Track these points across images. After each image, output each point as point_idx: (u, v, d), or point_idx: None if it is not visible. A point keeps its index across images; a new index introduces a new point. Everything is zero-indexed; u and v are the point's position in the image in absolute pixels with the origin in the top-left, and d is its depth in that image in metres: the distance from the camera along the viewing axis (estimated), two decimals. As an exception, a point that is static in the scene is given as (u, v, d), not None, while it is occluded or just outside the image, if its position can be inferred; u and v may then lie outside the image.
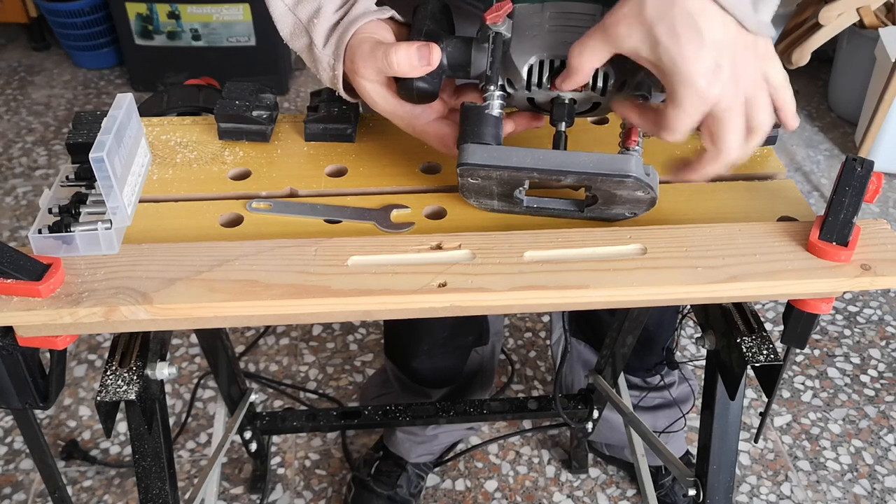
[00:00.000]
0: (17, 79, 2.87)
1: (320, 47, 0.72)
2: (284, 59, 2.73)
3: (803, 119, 2.64)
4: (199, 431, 1.65)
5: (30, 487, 1.53)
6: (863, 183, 0.66)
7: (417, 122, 0.73)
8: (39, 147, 2.50)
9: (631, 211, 0.71)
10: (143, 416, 0.75)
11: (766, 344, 0.75)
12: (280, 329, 1.87)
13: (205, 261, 0.66)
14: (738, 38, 0.60)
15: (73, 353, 1.79)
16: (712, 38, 0.58)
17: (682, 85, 0.60)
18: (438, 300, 0.63)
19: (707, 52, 0.59)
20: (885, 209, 2.26)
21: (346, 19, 0.71)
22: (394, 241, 0.68)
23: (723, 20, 0.59)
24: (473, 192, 0.71)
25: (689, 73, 0.59)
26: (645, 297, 0.65)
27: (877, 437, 1.65)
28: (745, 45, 0.60)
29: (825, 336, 1.87)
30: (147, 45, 2.67)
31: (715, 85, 0.59)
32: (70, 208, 0.69)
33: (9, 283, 0.62)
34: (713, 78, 0.59)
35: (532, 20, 0.70)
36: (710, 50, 0.59)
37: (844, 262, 0.66)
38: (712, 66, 0.59)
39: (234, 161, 0.81)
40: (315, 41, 0.72)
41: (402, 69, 0.68)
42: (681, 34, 0.58)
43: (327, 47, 0.72)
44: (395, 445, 1.50)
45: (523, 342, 1.84)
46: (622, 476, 1.57)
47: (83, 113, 0.81)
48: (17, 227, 2.15)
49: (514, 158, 0.66)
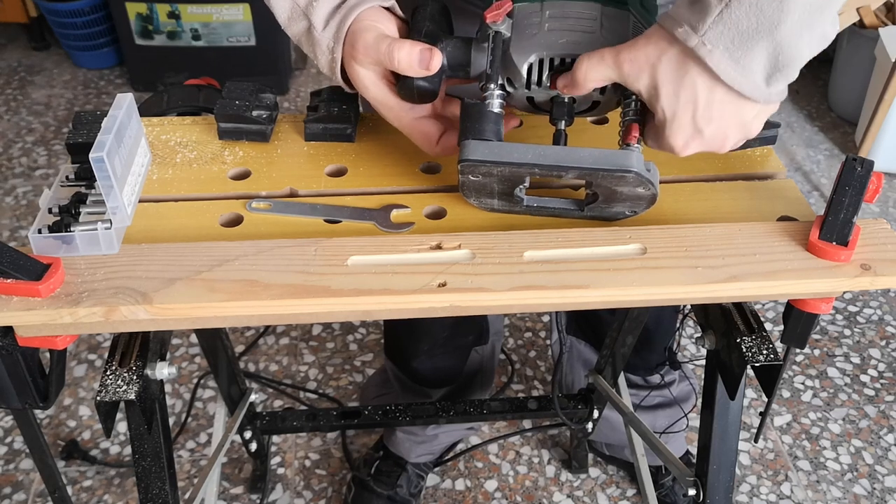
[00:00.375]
0: (17, 79, 2.87)
1: (319, 30, 0.72)
2: (284, 59, 2.73)
3: (803, 119, 2.64)
4: (199, 431, 1.65)
5: (30, 487, 1.53)
6: (863, 183, 0.66)
7: (406, 116, 0.74)
8: (39, 147, 2.50)
9: (631, 209, 0.71)
10: (142, 416, 0.75)
11: (766, 344, 0.75)
12: (280, 329, 1.87)
13: (205, 261, 0.66)
14: (736, 112, 0.64)
15: (72, 352, 1.79)
16: (706, 114, 0.63)
17: (663, 134, 0.66)
18: (438, 300, 0.64)
19: (694, 124, 0.64)
20: (885, 209, 2.26)
21: (347, 3, 0.72)
22: (394, 240, 0.68)
23: (724, 98, 0.62)
24: (474, 190, 0.71)
25: (672, 134, 0.65)
26: (645, 296, 0.65)
27: (877, 437, 1.65)
28: (737, 114, 0.64)
29: (825, 336, 1.87)
30: (147, 45, 2.67)
31: (691, 145, 0.66)
32: (70, 208, 0.69)
33: (9, 283, 0.62)
34: (690, 141, 0.66)
35: (531, 19, 0.70)
36: (700, 121, 0.64)
37: (844, 262, 0.66)
38: (693, 133, 0.65)
39: (234, 161, 0.81)
40: (314, 24, 0.72)
41: (401, 67, 0.69)
42: (680, 102, 0.63)
43: (327, 30, 0.72)
44: (395, 445, 1.50)
45: (523, 342, 1.84)
46: (622, 476, 1.57)
47: (83, 113, 0.81)
48: (17, 227, 2.15)
49: (515, 154, 0.66)
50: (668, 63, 0.62)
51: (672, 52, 0.62)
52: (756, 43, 0.59)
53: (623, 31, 0.69)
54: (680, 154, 0.67)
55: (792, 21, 0.58)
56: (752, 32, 0.58)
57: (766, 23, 0.58)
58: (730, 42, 0.59)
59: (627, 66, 0.64)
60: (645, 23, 0.70)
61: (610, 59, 0.65)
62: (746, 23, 0.58)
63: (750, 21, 0.58)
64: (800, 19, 0.58)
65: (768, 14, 0.57)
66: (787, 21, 0.57)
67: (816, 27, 0.59)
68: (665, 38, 0.62)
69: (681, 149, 0.67)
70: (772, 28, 0.58)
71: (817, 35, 0.59)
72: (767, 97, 0.62)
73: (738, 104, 0.63)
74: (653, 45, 0.63)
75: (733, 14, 0.58)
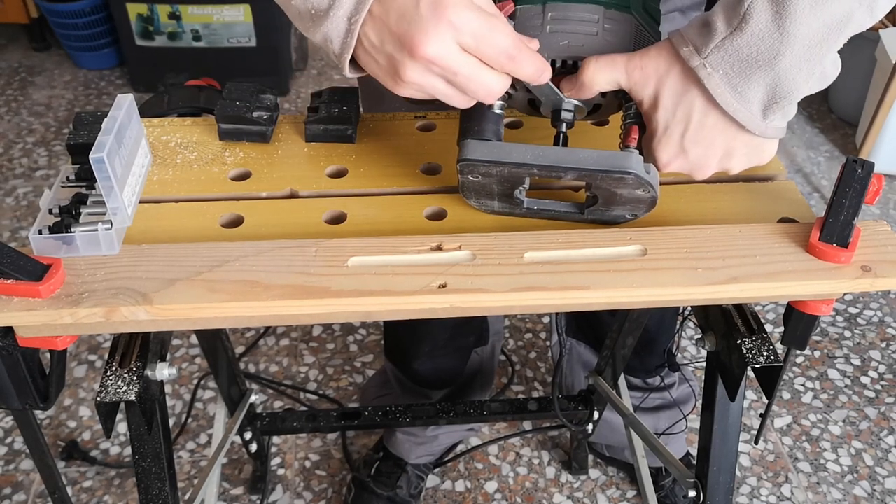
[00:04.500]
0: (18, 79, 2.87)
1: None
2: (285, 60, 2.73)
3: (804, 120, 2.64)
4: (199, 432, 1.65)
5: (30, 488, 1.53)
6: (863, 184, 0.66)
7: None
8: (40, 148, 2.50)
9: (631, 213, 0.71)
10: (142, 417, 0.75)
11: (767, 345, 0.75)
12: (280, 330, 1.87)
13: (205, 261, 0.66)
14: (725, 140, 0.65)
15: (73, 353, 1.79)
16: (696, 135, 0.65)
17: (651, 146, 0.67)
18: (439, 301, 0.63)
19: (682, 142, 0.66)
20: (885, 211, 2.26)
21: None
22: (394, 241, 0.68)
23: (717, 123, 0.64)
24: (474, 191, 0.71)
25: (659, 147, 0.67)
26: (645, 298, 0.65)
27: (877, 439, 1.65)
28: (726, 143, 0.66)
29: (825, 337, 1.87)
30: (148, 46, 2.68)
31: (674, 163, 0.68)
32: (70, 209, 0.69)
33: (9, 284, 0.62)
34: (674, 158, 0.67)
35: (534, 21, 0.70)
36: (688, 141, 0.65)
37: (845, 264, 0.66)
38: (678, 151, 0.66)
39: (234, 162, 0.81)
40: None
41: (526, 73, 0.62)
42: (675, 118, 0.65)
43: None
44: (395, 446, 1.50)
45: (523, 343, 1.84)
46: (622, 477, 1.57)
47: (84, 114, 0.81)
48: (17, 228, 2.15)
49: (515, 154, 0.66)
50: (673, 78, 0.64)
51: (678, 68, 0.63)
52: (755, 72, 0.61)
53: (625, 34, 0.69)
54: (662, 170, 0.69)
55: (792, 54, 0.59)
56: (751, 61, 0.60)
57: (766, 53, 0.59)
58: (729, 68, 0.61)
59: (638, 74, 0.65)
60: (647, 28, 0.70)
61: (622, 64, 0.65)
62: (747, 51, 0.60)
63: (751, 50, 0.60)
64: (800, 53, 0.59)
65: (769, 45, 0.59)
66: (787, 54, 0.59)
67: (816, 63, 0.60)
68: (674, 54, 0.63)
69: (664, 164, 0.68)
70: (771, 59, 0.60)
71: (817, 72, 0.61)
72: (763, 130, 0.64)
73: (731, 132, 0.65)
74: (663, 58, 0.64)
75: (735, 42, 0.60)
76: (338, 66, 0.64)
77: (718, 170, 0.69)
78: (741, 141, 0.65)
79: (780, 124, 0.65)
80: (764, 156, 0.68)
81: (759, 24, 0.59)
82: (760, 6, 0.58)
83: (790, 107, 0.63)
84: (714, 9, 0.62)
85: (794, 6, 0.57)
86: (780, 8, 0.58)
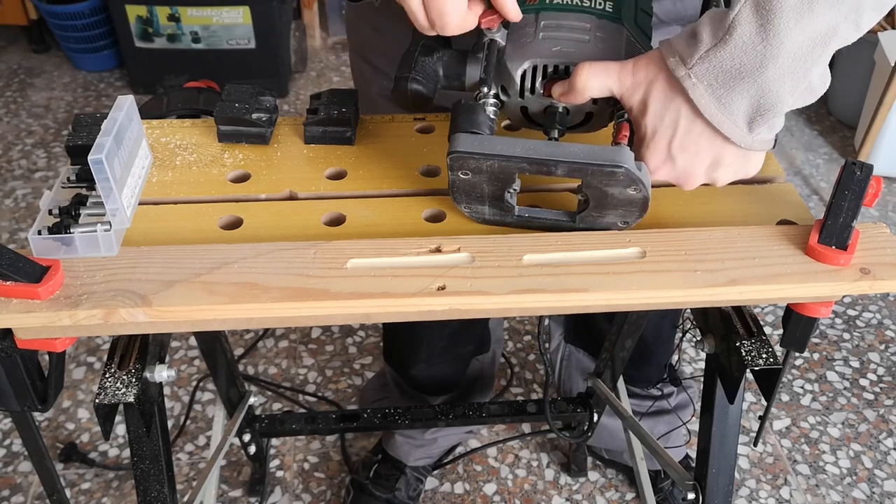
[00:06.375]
0: (17, 81, 2.87)
1: None
2: (284, 62, 2.73)
3: (802, 122, 2.64)
4: (198, 434, 1.64)
5: (28, 490, 1.53)
6: (862, 187, 0.66)
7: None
8: (39, 149, 2.50)
9: (623, 220, 0.70)
10: (141, 419, 0.75)
11: (766, 347, 0.75)
12: (279, 332, 1.86)
13: (204, 263, 0.66)
14: (711, 150, 0.65)
15: (71, 355, 1.79)
16: (683, 142, 0.65)
17: (639, 153, 0.68)
18: (437, 303, 0.63)
19: (670, 149, 0.66)
20: (884, 213, 2.26)
21: None
22: (393, 243, 0.68)
23: (703, 132, 0.64)
24: (464, 192, 0.71)
25: (648, 153, 0.67)
26: (644, 300, 0.65)
27: (876, 441, 1.65)
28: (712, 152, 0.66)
29: (824, 340, 1.87)
30: (147, 48, 2.68)
31: (661, 170, 0.68)
32: (70, 210, 0.69)
33: (8, 286, 0.61)
34: (662, 165, 0.68)
35: (526, 28, 0.70)
36: (675, 148, 0.66)
37: (844, 266, 0.66)
38: (666, 157, 0.67)
39: (233, 163, 0.81)
40: None
41: None
42: (663, 123, 0.65)
43: None
44: (393, 449, 1.50)
45: (522, 345, 1.84)
46: (621, 479, 1.57)
47: (83, 115, 0.81)
48: (16, 230, 2.15)
49: (505, 147, 0.66)
50: (660, 84, 0.64)
51: (664, 76, 0.64)
52: (738, 84, 0.61)
53: (616, 43, 0.70)
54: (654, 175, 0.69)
55: (776, 67, 0.59)
56: (735, 73, 0.60)
57: (750, 65, 0.60)
58: (714, 79, 0.61)
59: (629, 81, 0.65)
60: (638, 41, 0.71)
61: (615, 71, 0.66)
62: (731, 63, 0.60)
63: (734, 62, 0.60)
64: (785, 66, 0.59)
65: (753, 57, 0.59)
66: (771, 66, 0.59)
67: (801, 76, 0.60)
68: (661, 63, 0.64)
69: (652, 170, 0.68)
70: (755, 71, 0.60)
71: (802, 85, 0.61)
72: (749, 143, 0.64)
73: (717, 142, 0.65)
74: (653, 65, 0.65)
75: (720, 53, 0.60)
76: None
77: (706, 180, 0.69)
78: (728, 151, 0.66)
79: (767, 137, 0.65)
80: (749, 167, 0.68)
81: (743, 35, 0.59)
82: (745, 18, 0.59)
83: (776, 119, 0.63)
84: (701, 20, 0.62)
85: (778, 19, 0.57)
86: (764, 21, 0.58)
